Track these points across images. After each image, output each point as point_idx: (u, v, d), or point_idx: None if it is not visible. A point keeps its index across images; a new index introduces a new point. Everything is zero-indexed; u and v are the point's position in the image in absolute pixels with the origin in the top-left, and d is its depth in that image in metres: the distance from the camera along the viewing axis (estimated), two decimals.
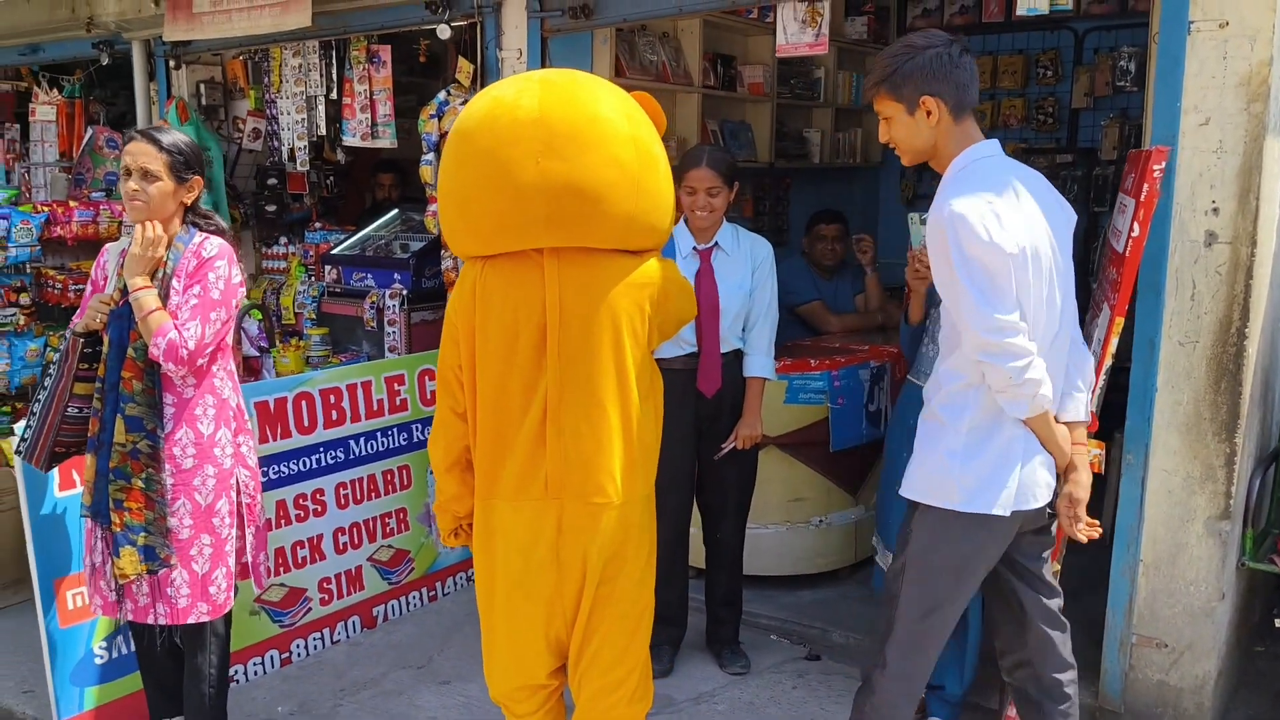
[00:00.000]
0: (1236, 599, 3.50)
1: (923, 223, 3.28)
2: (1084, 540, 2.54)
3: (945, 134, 2.41)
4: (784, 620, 4.09)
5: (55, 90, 6.73)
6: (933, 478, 2.48)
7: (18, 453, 3.01)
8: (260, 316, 4.07)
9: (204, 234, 2.97)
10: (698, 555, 3.90)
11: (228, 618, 3.04)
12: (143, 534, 2.82)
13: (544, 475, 2.48)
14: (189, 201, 2.97)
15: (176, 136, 2.96)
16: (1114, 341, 2.89)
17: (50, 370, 2.94)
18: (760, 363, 3.62)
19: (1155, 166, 2.80)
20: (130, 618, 2.92)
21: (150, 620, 2.91)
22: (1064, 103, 6.62)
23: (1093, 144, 6.48)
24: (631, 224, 2.43)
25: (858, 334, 4.87)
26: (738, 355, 3.63)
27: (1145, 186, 2.80)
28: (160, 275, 2.87)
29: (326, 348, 5.66)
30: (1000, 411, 2.40)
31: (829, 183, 6.79)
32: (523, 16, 4.39)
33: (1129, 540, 3.38)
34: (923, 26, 7.02)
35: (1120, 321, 2.87)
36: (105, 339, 2.88)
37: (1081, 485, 2.51)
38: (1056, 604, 2.71)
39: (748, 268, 3.61)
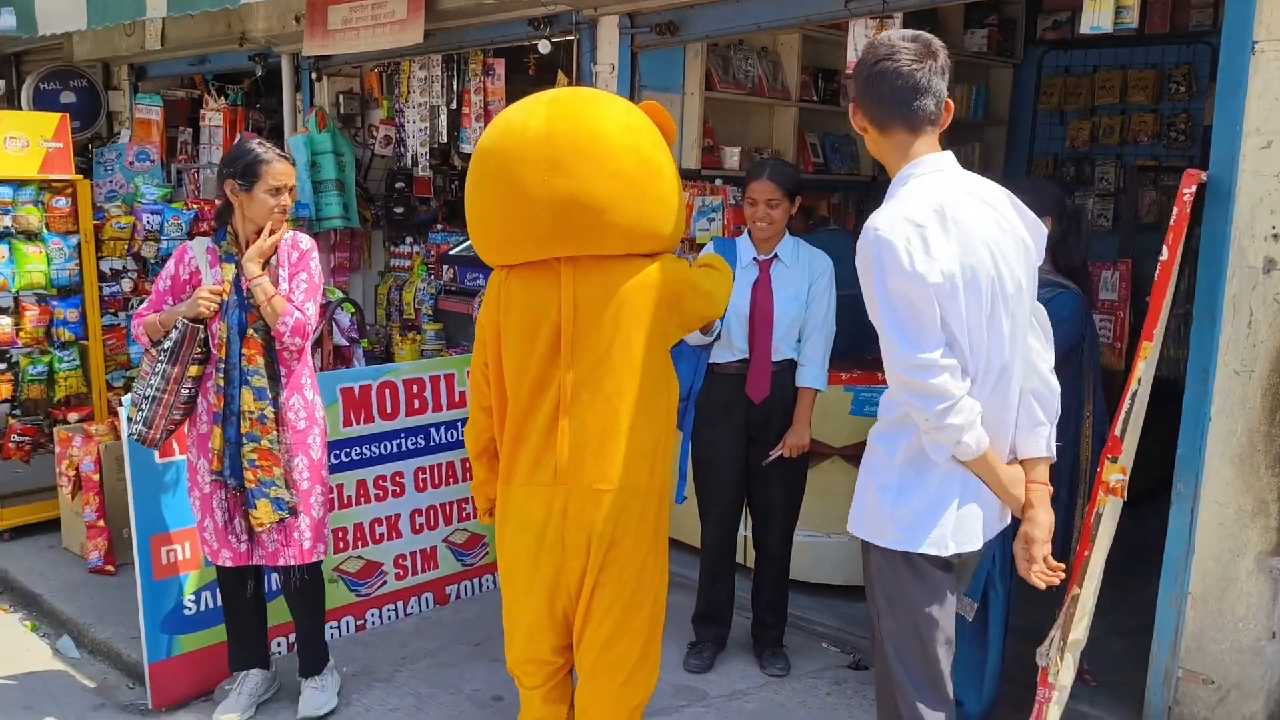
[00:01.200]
0: None
1: None
2: (1041, 586, 2.32)
3: (875, 145, 2.33)
4: (837, 629, 4.14)
5: (223, 98, 7.39)
6: (867, 513, 2.36)
7: (131, 435, 3.36)
8: (352, 310, 4.40)
9: (291, 230, 3.43)
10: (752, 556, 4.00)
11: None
12: (273, 487, 3.28)
13: (554, 463, 2.69)
14: None
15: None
16: (1140, 366, 2.85)
17: (161, 357, 3.26)
18: (812, 374, 3.69)
19: (1186, 190, 2.75)
20: (262, 562, 3.40)
21: (282, 562, 3.38)
22: (1197, 120, 6.34)
23: None
24: (636, 231, 2.61)
25: None
26: (791, 365, 3.71)
27: (1175, 210, 2.76)
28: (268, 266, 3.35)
29: (440, 342, 6.04)
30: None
31: None
32: (615, 33, 4.60)
33: (1177, 571, 3.29)
34: (1053, 39, 6.86)
35: (1148, 346, 2.83)
36: (219, 325, 3.27)
37: (1039, 525, 2.31)
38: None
39: (805, 280, 3.68)
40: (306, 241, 3.42)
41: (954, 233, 2.16)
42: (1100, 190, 6.65)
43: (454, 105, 5.73)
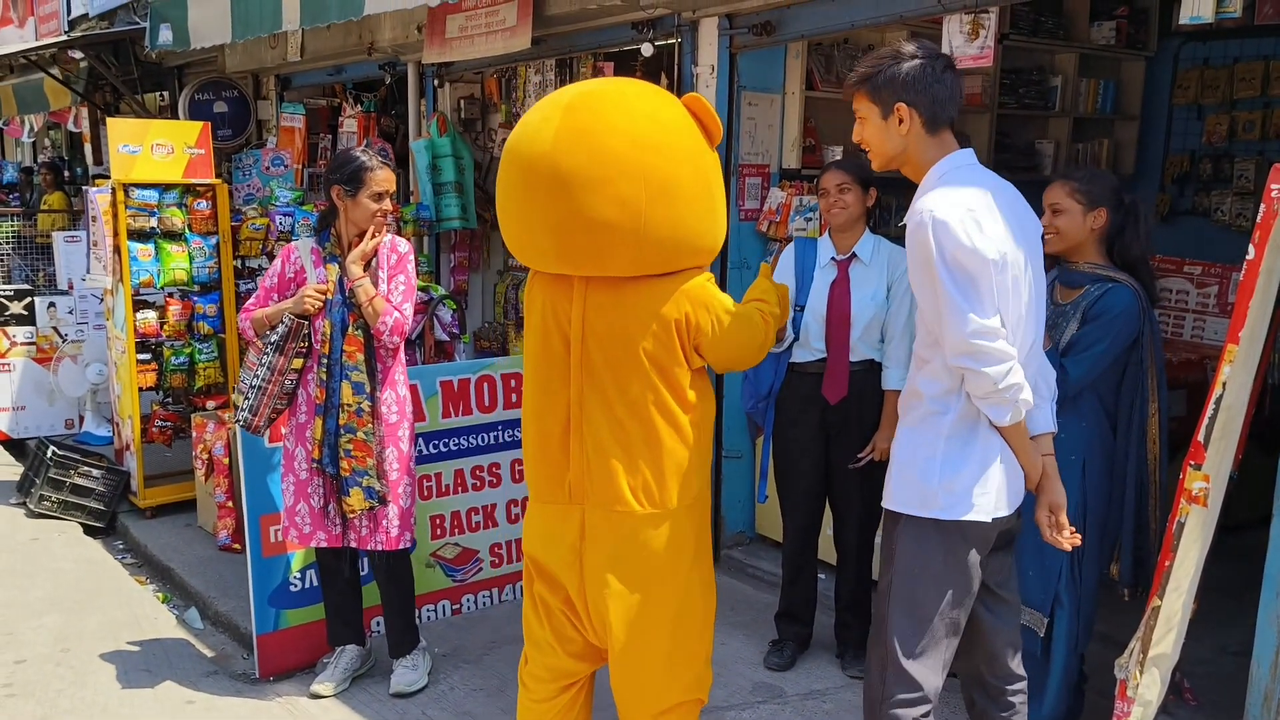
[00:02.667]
0: None
1: None
2: (1068, 548, 2.55)
3: (917, 142, 2.42)
4: None
5: (359, 106, 7.75)
6: (914, 487, 2.47)
7: (237, 422, 3.56)
8: (454, 306, 4.57)
9: (390, 234, 3.60)
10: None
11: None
12: (366, 477, 3.47)
13: (568, 481, 2.61)
14: None
15: None
16: (1225, 370, 2.72)
17: (267, 349, 3.45)
18: (897, 375, 3.64)
19: (1274, 186, 2.62)
20: (354, 544, 3.59)
21: (371, 547, 3.58)
22: None
23: None
24: (641, 255, 2.47)
25: None
26: (871, 365, 3.68)
27: (1262, 207, 2.63)
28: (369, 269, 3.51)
29: None
30: (977, 418, 2.41)
31: None
32: (715, 34, 4.64)
33: (1279, 588, 3.13)
34: (1189, 30, 6.52)
35: (1233, 349, 2.70)
36: (322, 322, 3.45)
37: (1060, 491, 2.53)
38: (1015, 624, 2.70)
39: (884, 279, 3.65)
40: (404, 245, 3.59)
41: (998, 219, 2.36)
42: (1239, 188, 6.31)
43: None
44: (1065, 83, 6.12)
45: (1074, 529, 2.54)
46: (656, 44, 4.90)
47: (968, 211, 2.31)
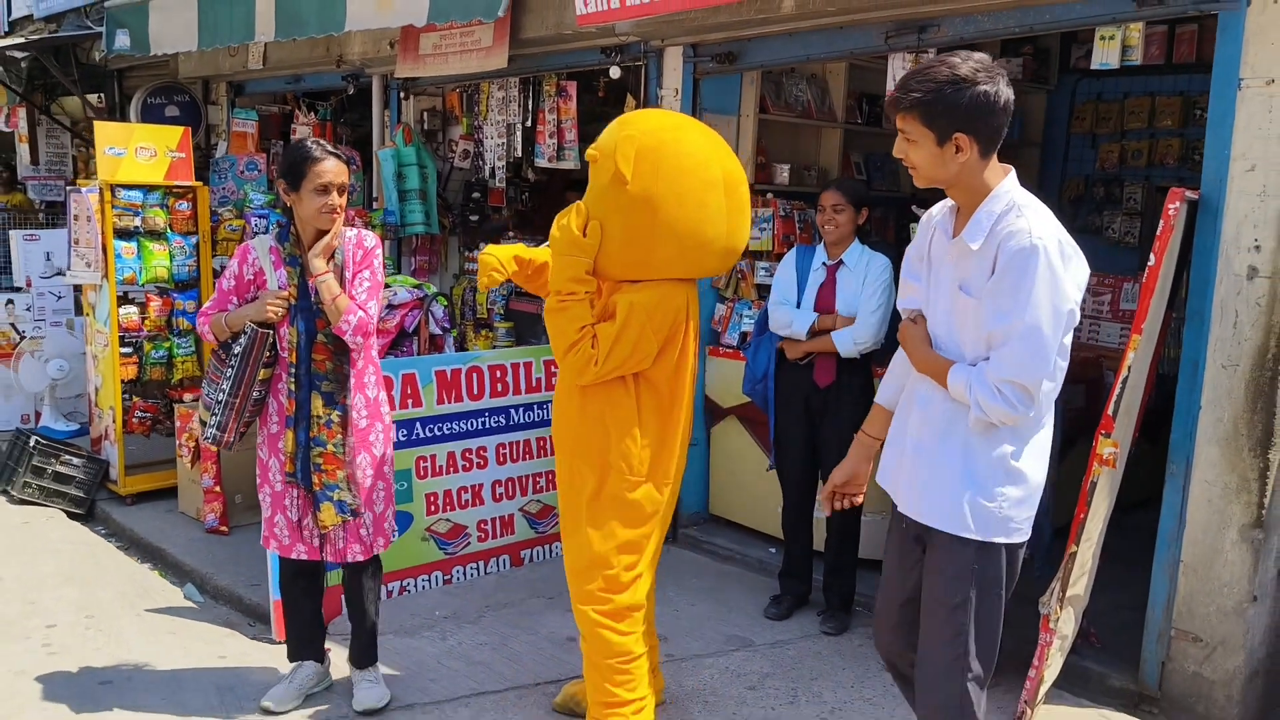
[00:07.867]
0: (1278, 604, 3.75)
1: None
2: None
3: (971, 170, 2.32)
4: None
5: (313, 113, 8.03)
6: (989, 515, 2.45)
7: (206, 438, 3.47)
8: (445, 303, 4.96)
9: (355, 228, 3.50)
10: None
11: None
12: (337, 490, 3.39)
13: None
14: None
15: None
16: (1130, 355, 3.32)
17: (232, 361, 3.34)
18: (847, 339, 4.13)
19: (1171, 205, 3.23)
20: (331, 558, 3.51)
21: (350, 558, 3.48)
22: None
23: None
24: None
25: None
26: (859, 358, 4.19)
27: (1161, 223, 3.24)
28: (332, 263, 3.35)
29: (511, 339, 6.61)
30: (1033, 437, 2.45)
31: None
32: (679, 61, 5.14)
33: (1170, 541, 3.72)
34: (1085, 67, 7.29)
35: (1137, 339, 3.30)
36: (287, 329, 3.33)
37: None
38: None
39: (861, 279, 4.21)
40: (370, 240, 3.44)
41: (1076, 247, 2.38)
42: (1128, 209, 7.08)
43: (529, 123, 6.30)
44: None
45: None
46: (623, 66, 5.38)
47: (1064, 243, 2.28)
